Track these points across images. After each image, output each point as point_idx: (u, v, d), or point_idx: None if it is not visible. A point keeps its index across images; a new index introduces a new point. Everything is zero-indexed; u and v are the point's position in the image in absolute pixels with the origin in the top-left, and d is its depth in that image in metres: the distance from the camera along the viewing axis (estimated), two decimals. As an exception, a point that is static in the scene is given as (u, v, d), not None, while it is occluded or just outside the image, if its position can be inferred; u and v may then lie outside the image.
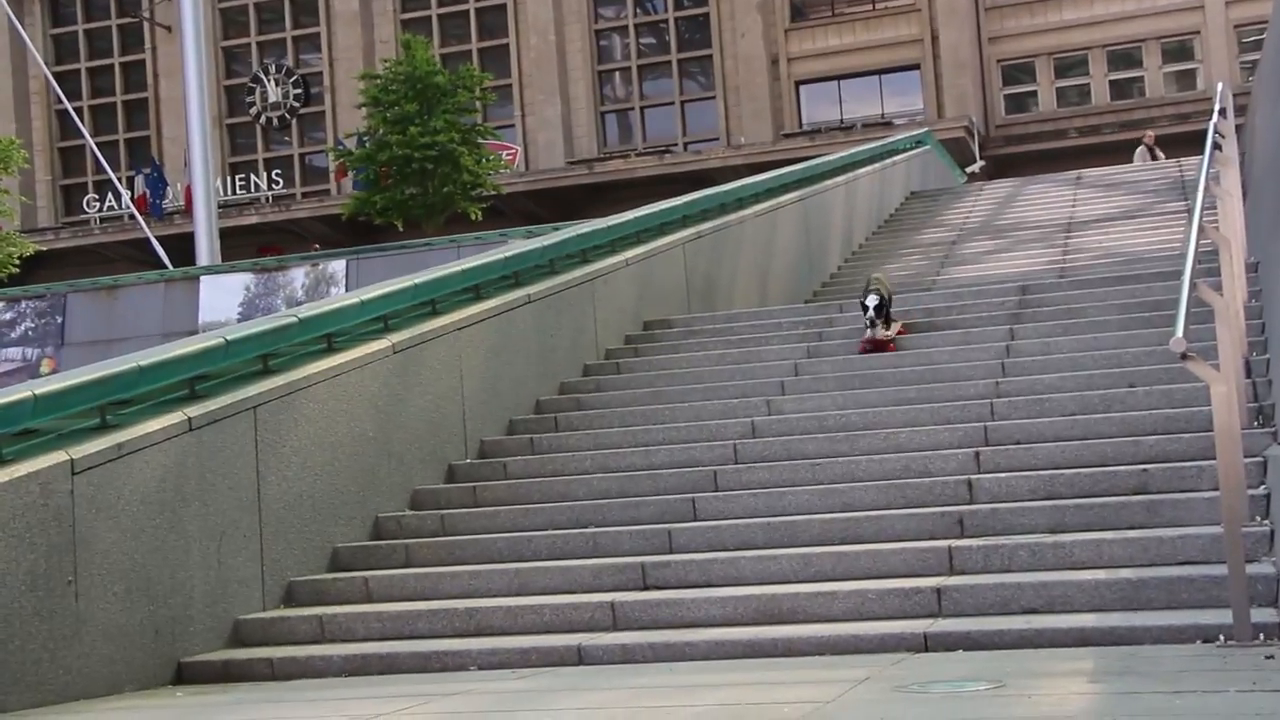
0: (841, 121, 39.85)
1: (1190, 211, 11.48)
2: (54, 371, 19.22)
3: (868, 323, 11.50)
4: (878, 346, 11.50)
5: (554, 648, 7.33)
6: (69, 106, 35.14)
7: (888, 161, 23.01)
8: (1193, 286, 7.29)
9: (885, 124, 37.69)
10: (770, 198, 17.04)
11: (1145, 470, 8.31)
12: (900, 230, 21.44)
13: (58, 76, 40.25)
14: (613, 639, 7.37)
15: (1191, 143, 24.89)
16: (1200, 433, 8.56)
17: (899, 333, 11.80)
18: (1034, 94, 40.04)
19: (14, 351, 22.28)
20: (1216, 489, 7.00)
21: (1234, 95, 19.44)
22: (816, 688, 5.84)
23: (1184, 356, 6.54)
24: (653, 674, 6.70)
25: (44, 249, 34.19)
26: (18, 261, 27.71)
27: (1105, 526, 7.78)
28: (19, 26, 36.01)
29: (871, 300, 11.55)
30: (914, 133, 27.80)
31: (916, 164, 25.27)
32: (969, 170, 32.51)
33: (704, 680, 6.39)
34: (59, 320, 22.18)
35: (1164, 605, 6.82)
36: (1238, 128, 16.09)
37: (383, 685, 7.05)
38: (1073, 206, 21.10)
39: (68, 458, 7.31)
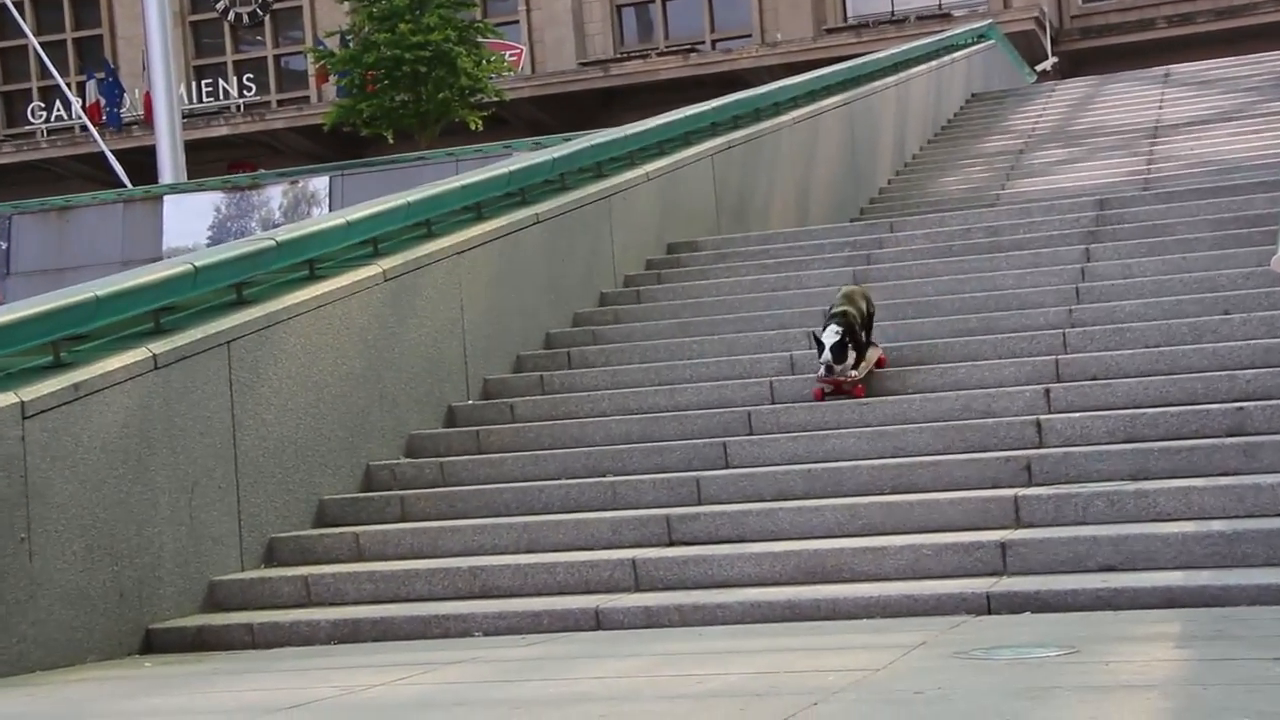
0: (892, 14, 39.44)
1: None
2: None
3: (823, 365, 9.23)
4: (840, 390, 9.40)
5: (568, 611, 7.39)
6: (8, 1, 35.02)
7: (945, 59, 22.83)
8: (1297, 198, 7.24)
9: (942, 16, 37.31)
10: (811, 102, 16.93)
11: (1241, 409, 8.30)
12: (960, 138, 21.31)
13: (-4, -32, 40.05)
14: (634, 601, 7.42)
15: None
16: (1304, 366, 8.54)
17: (878, 363, 9.67)
18: (1115, -21, 39.51)
19: (-47, 282, 22.38)
20: (1322, 429, 6.99)
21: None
22: (865, 654, 5.88)
23: (1286, 278, 6.50)
24: (679, 639, 6.75)
25: (-16, 165, 34.21)
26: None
27: (1194, 473, 7.77)
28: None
29: (830, 336, 9.16)
30: (976, 26, 27.51)
31: (978, 62, 25.06)
32: (1039, 68, 32.21)
33: (737, 646, 6.45)
34: (3, 246, 22.24)
35: (1262, 562, 6.83)
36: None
37: (376, 653, 7.12)
38: (1159, 108, 20.93)
39: (18, 400, 7.36)
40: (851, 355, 9.20)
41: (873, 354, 9.58)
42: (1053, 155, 19.28)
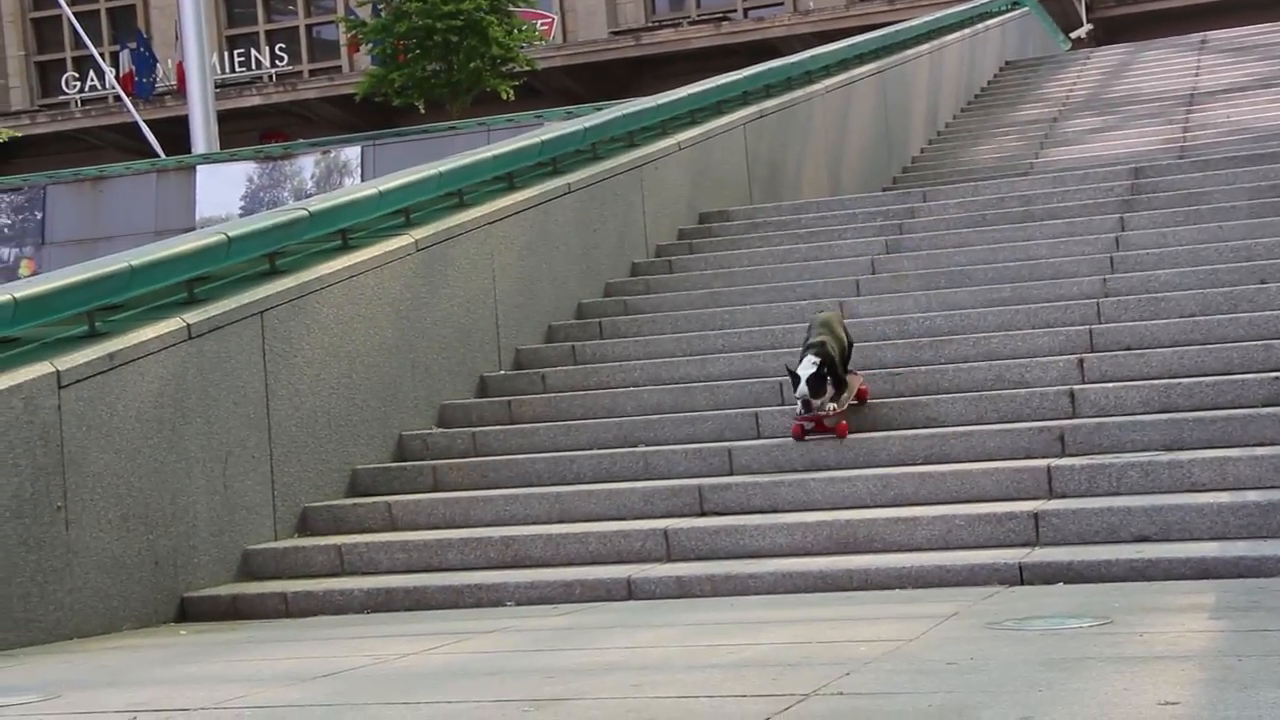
0: (926, -20, 39.14)
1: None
2: (34, 273, 19.42)
3: (799, 400, 8.41)
4: (821, 428, 8.53)
5: (601, 581, 7.41)
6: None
7: (979, 27, 22.68)
8: (1335, 166, 7.17)
9: (977, -17, 36.99)
10: (843, 71, 16.86)
11: (1278, 378, 8.23)
12: (993, 107, 21.18)
13: (30, -61, 40.16)
14: (666, 571, 7.43)
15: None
16: (1341, 336, 8.47)
17: (859, 396, 8.81)
18: (1151, -56, 39.10)
19: (-11, 252, 22.51)
20: (1359, 400, 6.93)
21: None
22: (897, 624, 5.88)
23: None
24: (711, 609, 6.76)
25: (19, 135, 34.36)
26: (-10, 150, 27.90)
27: (1229, 443, 7.73)
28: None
29: (807, 367, 8.31)
30: (1010, -8, 27.32)
31: (1013, 29, 24.89)
32: (1074, 35, 31.96)
33: (769, 616, 6.45)
34: (38, 216, 22.36)
35: (1296, 532, 6.79)
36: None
37: (409, 622, 7.15)
38: (1196, 75, 20.75)
39: (53, 369, 7.41)
40: (830, 390, 8.39)
41: (853, 382, 8.74)
42: (1087, 123, 19.14)
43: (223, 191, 21.49)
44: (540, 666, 5.64)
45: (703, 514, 8.09)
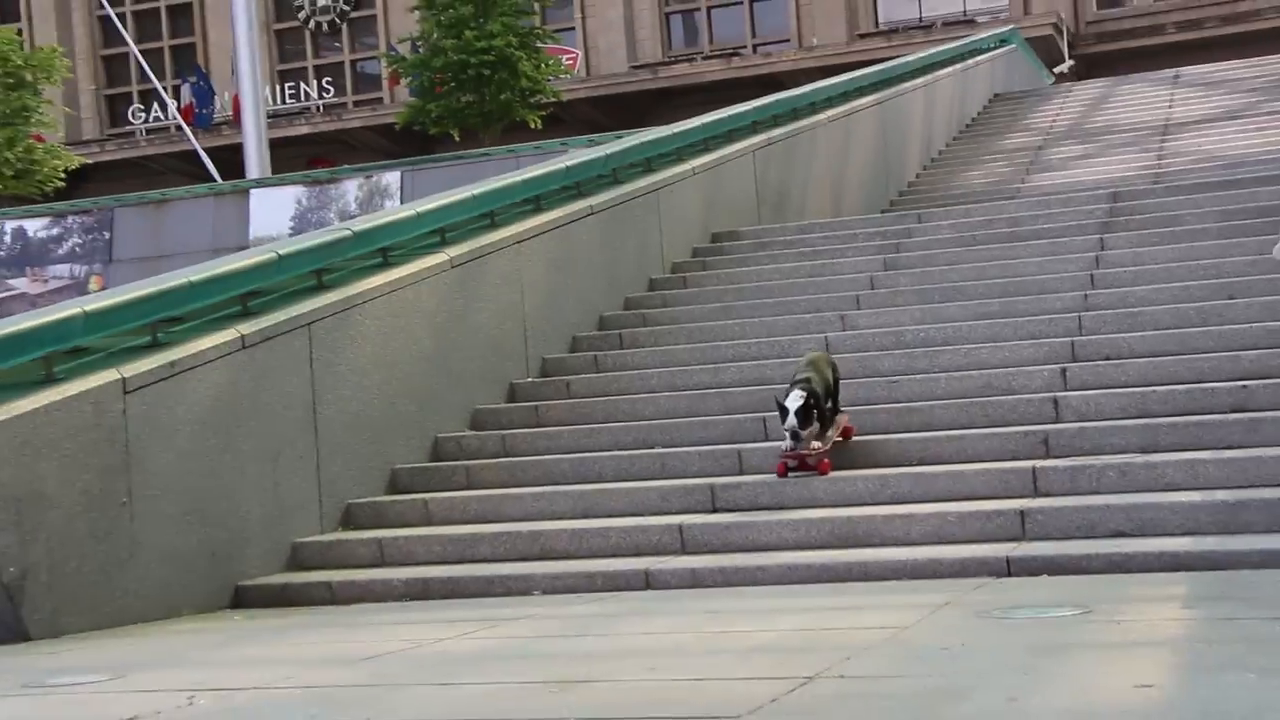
0: (920, 20, 39.10)
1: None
2: (102, 289, 19.50)
3: (788, 431, 8.05)
4: (804, 465, 8.16)
5: (620, 572, 7.41)
6: (111, 12, 35.32)
7: (970, 62, 22.65)
8: (1299, 191, 7.15)
9: (967, 22, 36.97)
10: (845, 102, 16.85)
11: (1245, 387, 8.22)
12: (983, 135, 21.16)
13: (99, -19, 40.33)
14: (681, 563, 7.43)
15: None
16: (1304, 347, 8.43)
17: (843, 433, 8.45)
18: (1128, -13, 38.99)
19: (61, 269, 22.61)
20: (1321, 406, 6.90)
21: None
22: (894, 612, 5.87)
23: (1288, 266, 6.42)
24: (723, 599, 6.76)
25: (89, 162, 34.51)
26: (63, 175, 28.02)
27: (1200, 446, 7.70)
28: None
29: (794, 400, 8.01)
30: (998, 31, 27.27)
31: (1001, 64, 24.86)
32: (1057, 70, 31.90)
33: (776, 605, 6.45)
34: (106, 236, 22.45)
35: (1263, 529, 6.76)
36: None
37: (445, 609, 7.16)
38: (1169, 107, 20.71)
39: (119, 376, 7.44)
40: (815, 426, 8.09)
41: (840, 420, 8.45)
42: (1070, 151, 19.10)
43: (274, 213, 21.55)
44: (565, 650, 5.65)
45: (715, 511, 8.08)
